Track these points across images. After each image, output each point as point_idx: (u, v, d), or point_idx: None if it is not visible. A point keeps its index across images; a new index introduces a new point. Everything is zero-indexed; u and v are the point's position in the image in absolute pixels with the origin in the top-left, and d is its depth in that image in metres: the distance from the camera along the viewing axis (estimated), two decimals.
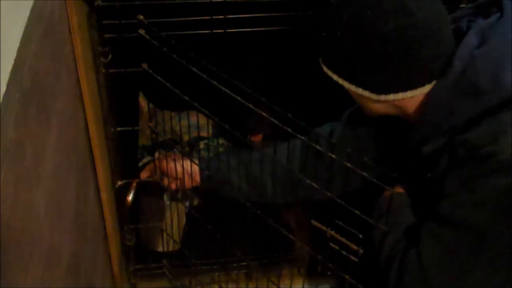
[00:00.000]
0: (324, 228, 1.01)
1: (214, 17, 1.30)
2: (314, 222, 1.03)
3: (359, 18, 1.03)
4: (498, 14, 1.08)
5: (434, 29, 1.03)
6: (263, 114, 1.01)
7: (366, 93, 1.09)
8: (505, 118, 1.01)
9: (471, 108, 1.03)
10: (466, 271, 1.07)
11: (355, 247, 0.96)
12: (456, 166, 1.06)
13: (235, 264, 1.72)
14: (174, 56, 1.09)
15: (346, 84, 1.11)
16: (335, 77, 1.12)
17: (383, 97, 1.08)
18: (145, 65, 1.19)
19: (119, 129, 1.54)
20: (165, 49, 1.10)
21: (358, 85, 1.09)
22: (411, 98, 1.09)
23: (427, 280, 1.08)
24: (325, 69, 1.13)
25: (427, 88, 1.07)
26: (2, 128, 0.73)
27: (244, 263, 1.69)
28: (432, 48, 1.03)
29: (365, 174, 0.93)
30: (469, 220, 1.05)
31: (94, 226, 1.41)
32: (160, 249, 1.71)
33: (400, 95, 1.07)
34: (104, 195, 1.47)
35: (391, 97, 1.08)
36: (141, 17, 1.16)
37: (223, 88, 1.04)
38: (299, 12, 1.34)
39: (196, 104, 1.12)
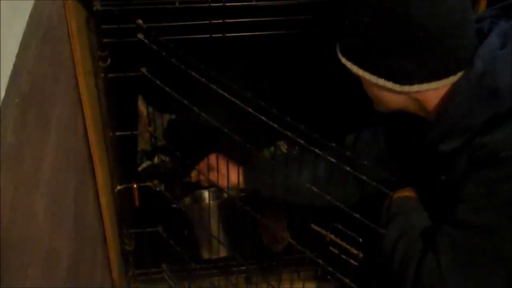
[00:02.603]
0: (324, 232, 1.01)
1: (212, 21, 1.30)
2: (314, 226, 1.03)
3: (390, 4, 1.01)
4: None
5: (463, 19, 1.02)
6: (262, 118, 1.01)
7: (389, 84, 1.07)
8: None
9: (490, 109, 1.02)
10: (486, 276, 1.06)
11: (355, 251, 0.96)
12: (475, 170, 1.05)
13: (234, 268, 1.72)
14: (173, 60, 1.09)
15: (366, 75, 1.08)
16: (354, 69, 1.09)
17: (406, 88, 1.06)
18: (144, 70, 1.20)
19: (118, 133, 1.54)
20: (164, 53, 1.11)
21: (380, 75, 1.07)
22: (433, 91, 1.07)
23: (446, 286, 1.07)
24: (343, 60, 1.11)
25: (451, 79, 1.05)
26: (2, 132, 0.73)
27: (244, 267, 1.69)
28: (461, 37, 1.03)
29: (364, 177, 0.93)
30: (488, 224, 1.04)
31: (93, 230, 1.41)
32: (206, 256, 1.68)
33: (424, 86, 1.05)
34: (103, 200, 1.47)
35: (415, 88, 1.06)
36: (140, 21, 1.16)
37: (222, 92, 1.04)
38: (299, 16, 1.34)
39: (195, 108, 1.12)
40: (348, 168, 0.99)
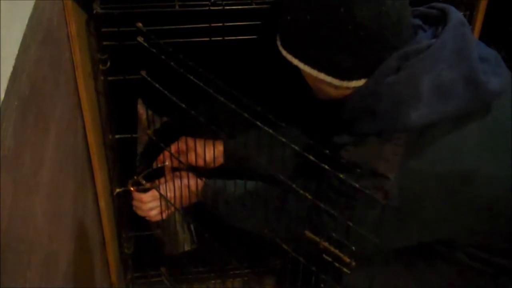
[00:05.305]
0: (317, 239, 1.01)
1: (212, 24, 1.30)
2: (307, 233, 1.02)
3: (333, 4, 1.03)
4: (434, 40, 1.07)
5: (403, 17, 1.05)
6: (258, 123, 1.00)
7: (329, 79, 1.10)
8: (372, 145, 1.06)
9: (365, 127, 1.07)
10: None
11: (347, 259, 0.95)
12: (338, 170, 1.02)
13: (231, 272, 1.72)
14: (172, 63, 1.09)
15: (307, 69, 1.11)
16: (295, 61, 1.12)
17: (345, 83, 1.09)
18: (143, 73, 1.20)
19: (117, 136, 1.54)
20: (163, 56, 1.11)
21: (321, 70, 1.09)
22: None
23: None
24: (284, 52, 1.13)
25: None
26: (1, 135, 0.74)
27: (241, 271, 1.69)
28: (400, 35, 1.05)
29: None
30: None
31: (92, 233, 1.40)
32: (173, 252, 1.68)
33: (361, 82, 1.08)
34: (102, 203, 1.47)
35: (353, 83, 1.09)
36: (140, 24, 1.16)
37: (219, 97, 1.04)
38: None
39: (193, 112, 1.12)
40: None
